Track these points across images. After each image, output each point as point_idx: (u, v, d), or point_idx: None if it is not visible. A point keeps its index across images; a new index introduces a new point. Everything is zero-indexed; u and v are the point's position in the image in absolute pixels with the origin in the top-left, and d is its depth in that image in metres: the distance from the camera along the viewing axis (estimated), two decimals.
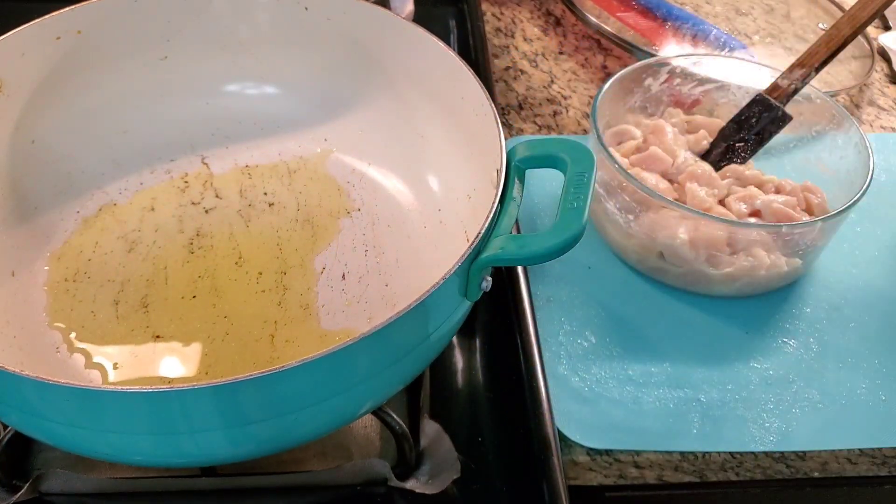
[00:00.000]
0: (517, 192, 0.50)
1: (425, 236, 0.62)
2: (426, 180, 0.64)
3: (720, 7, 0.93)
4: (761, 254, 0.62)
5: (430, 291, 0.44)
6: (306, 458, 0.54)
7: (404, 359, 0.47)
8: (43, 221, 0.61)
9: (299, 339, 0.56)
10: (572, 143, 0.51)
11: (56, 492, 0.51)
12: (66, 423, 0.43)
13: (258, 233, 0.62)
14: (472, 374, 0.60)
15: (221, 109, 0.68)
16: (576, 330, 0.63)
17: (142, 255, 0.61)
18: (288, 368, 0.40)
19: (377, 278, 0.60)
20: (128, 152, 0.66)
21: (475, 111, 0.56)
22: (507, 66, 0.85)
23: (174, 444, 0.45)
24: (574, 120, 0.80)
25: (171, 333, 0.56)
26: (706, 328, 0.64)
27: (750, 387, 0.60)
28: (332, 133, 0.68)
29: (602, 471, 0.58)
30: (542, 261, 0.47)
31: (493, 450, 0.55)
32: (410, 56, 0.62)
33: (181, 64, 0.66)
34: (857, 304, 0.66)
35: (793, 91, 0.69)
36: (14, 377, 0.41)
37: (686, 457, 0.58)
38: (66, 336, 0.56)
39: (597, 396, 0.59)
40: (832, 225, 0.64)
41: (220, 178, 0.66)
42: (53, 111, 0.62)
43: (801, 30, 0.91)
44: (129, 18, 0.63)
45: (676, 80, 0.73)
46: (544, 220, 0.70)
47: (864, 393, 0.61)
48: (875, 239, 0.71)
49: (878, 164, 0.65)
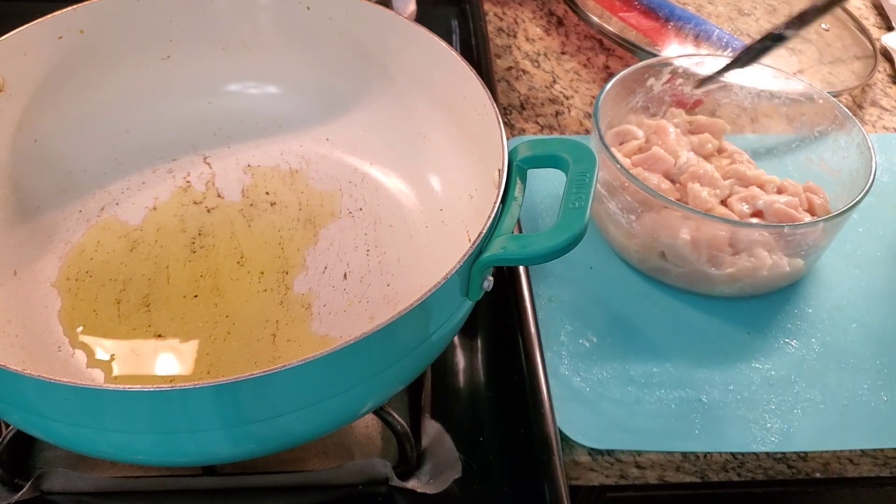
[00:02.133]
0: (519, 191, 0.50)
1: (427, 236, 0.62)
2: (428, 180, 0.64)
3: (722, 7, 0.93)
4: (763, 254, 0.62)
5: (431, 291, 0.44)
6: (307, 457, 0.54)
7: (406, 358, 0.47)
8: (45, 221, 0.62)
9: (301, 338, 0.56)
10: (574, 143, 0.51)
11: (57, 490, 0.51)
12: (68, 422, 0.43)
13: (260, 232, 0.62)
14: (473, 374, 0.60)
15: (223, 109, 0.68)
16: (577, 330, 0.63)
17: (143, 254, 0.61)
18: (289, 368, 0.40)
19: (379, 278, 0.60)
20: (130, 152, 0.66)
21: (477, 111, 0.56)
22: (509, 66, 0.85)
23: (175, 444, 0.45)
24: (576, 120, 0.80)
25: (173, 332, 0.56)
26: (708, 328, 0.64)
27: (752, 387, 0.60)
28: (333, 133, 0.68)
29: (603, 471, 0.57)
30: (543, 261, 0.47)
31: (495, 450, 0.55)
32: (412, 56, 0.62)
33: (183, 63, 0.66)
34: (859, 304, 0.66)
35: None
36: (15, 376, 0.41)
37: (688, 457, 0.57)
38: (68, 335, 0.56)
39: (598, 396, 0.59)
40: (834, 225, 0.64)
41: (222, 178, 0.66)
42: (55, 111, 0.63)
43: (804, 30, 0.90)
44: (131, 18, 0.63)
45: (679, 80, 0.73)
46: (546, 220, 0.70)
47: (866, 393, 0.61)
48: (877, 239, 0.71)
49: (880, 165, 0.65)
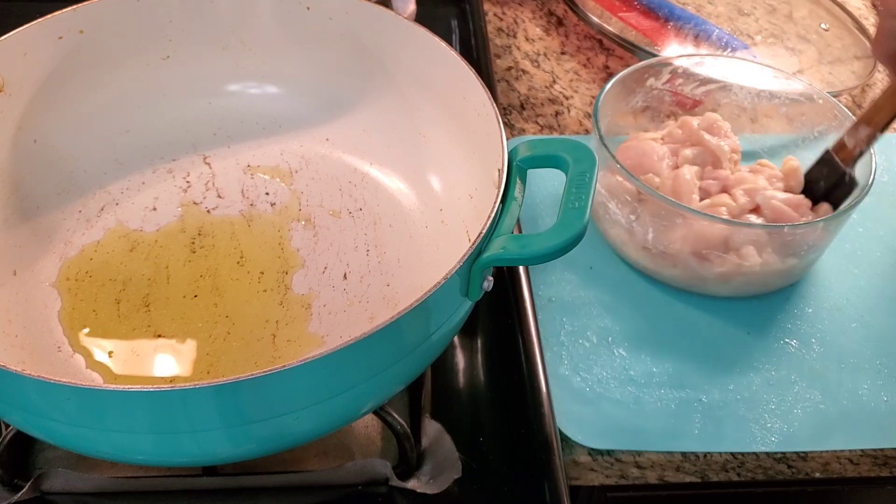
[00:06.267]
0: (519, 191, 0.50)
1: (427, 236, 0.62)
2: (428, 180, 0.64)
3: (722, 7, 0.93)
4: (751, 252, 0.62)
5: (431, 291, 0.44)
6: (307, 457, 0.54)
7: (406, 358, 0.47)
8: (45, 221, 0.61)
9: (301, 338, 0.56)
10: (574, 143, 0.51)
11: (57, 491, 0.51)
12: (68, 423, 0.43)
13: (260, 232, 0.62)
14: (473, 374, 0.60)
15: (223, 109, 0.68)
16: (577, 330, 0.63)
17: (143, 254, 0.61)
18: (289, 368, 0.41)
19: (379, 278, 0.60)
20: (130, 152, 0.66)
21: (477, 111, 0.56)
22: (508, 66, 0.85)
23: (175, 444, 0.45)
24: (576, 120, 0.80)
25: (173, 332, 0.56)
26: (708, 328, 0.64)
27: (752, 387, 0.60)
28: (333, 133, 0.68)
29: (603, 471, 0.57)
30: (543, 261, 0.47)
31: (495, 450, 0.55)
32: (412, 56, 0.62)
33: (183, 63, 0.66)
34: (859, 304, 0.66)
35: (858, 154, 0.64)
36: (16, 376, 0.41)
37: (688, 457, 0.57)
38: (68, 335, 0.56)
39: (598, 396, 0.59)
40: (834, 225, 0.64)
41: (222, 178, 0.66)
42: (56, 111, 0.63)
43: (804, 30, 0.90)
44: (131, 18, 0.63)
45: (678, 80, 0.73)
46: (546, 220, 0.70)
47: (866, 393, 0.61)
48: (877, 239, 0.71)
49: (880, 165, 0.65)
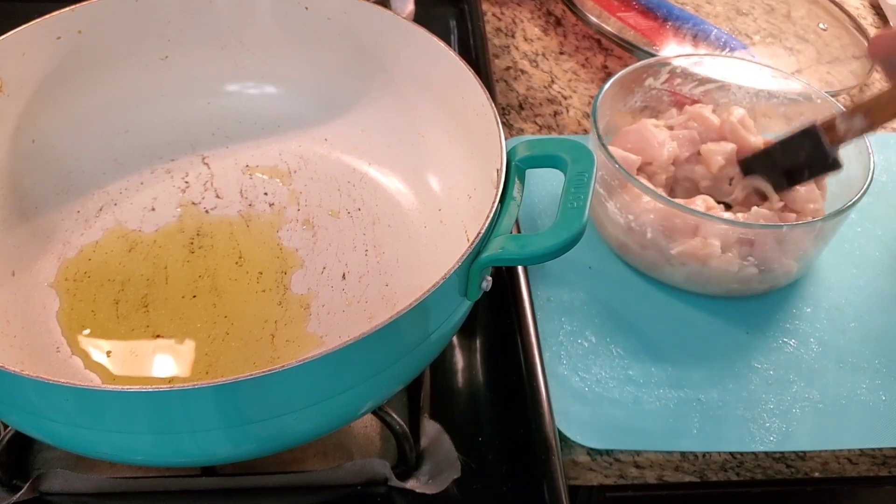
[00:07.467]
0: (517, 191, 0.50)
1: (425, 236, 0.62)
2: (426, 180, 0.64)
3: (721, 7, 0.93)
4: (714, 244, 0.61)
5: (430, 291, 0.44)
6: (306, 457, 0.54)
7: (404, 358, 0.47)
8: (43, 221, 0.61)
9: (299, 338, 0.56)
10: (572, 143, 0.51)
11: (56, 491, 0.51)
12: (67, 423, 0.43)
13: (258, 232, 0.62)
14: (472, 374, 0.60)
15: (222, 109, 0.68)
16: (576, 330, 0.63)
17: (142, 254, 0.61)
18: (288, 368, 0.41)
19: (377, 278, 0.60)
20: (128, 152, 0.66)
21: (475, 111, 0.56)
22: (507, 66, 0.85)
23: (174, 444, 0.45)
24: (574, 120, 0.80)
25: (172, 333, 0.56)
26: (707, 328, 0.64)
27: (750, 387, 0.60)
28: (332, 133, 0.68)
29: (602, 471, 0.58)
30: (542, 260, 0.47)
31: (494, 450, 0.55)
32: (411, 56, 0.62)
33: (182, 63, 0.66)
34: (857, 304, 0.66)
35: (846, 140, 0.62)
36: (14, 377, 0.41)
37: (686, 457, 0.58)
38: (67, 335, 0.56)
39: (597, 396, 0.59)
40: (832, 225, 0.64)
41: (221, 178, 0.66)
42: (54, 111, 0.62)
43: (802, 30, 0.90)
44: (129, 18, 0.63)
45: (677, 79, 0.73)
46: (544, 220, 0.70)
47: (865, 393, 0.61)
48: (876, 239, 0.71)
49: (878, 164, 0.65)
